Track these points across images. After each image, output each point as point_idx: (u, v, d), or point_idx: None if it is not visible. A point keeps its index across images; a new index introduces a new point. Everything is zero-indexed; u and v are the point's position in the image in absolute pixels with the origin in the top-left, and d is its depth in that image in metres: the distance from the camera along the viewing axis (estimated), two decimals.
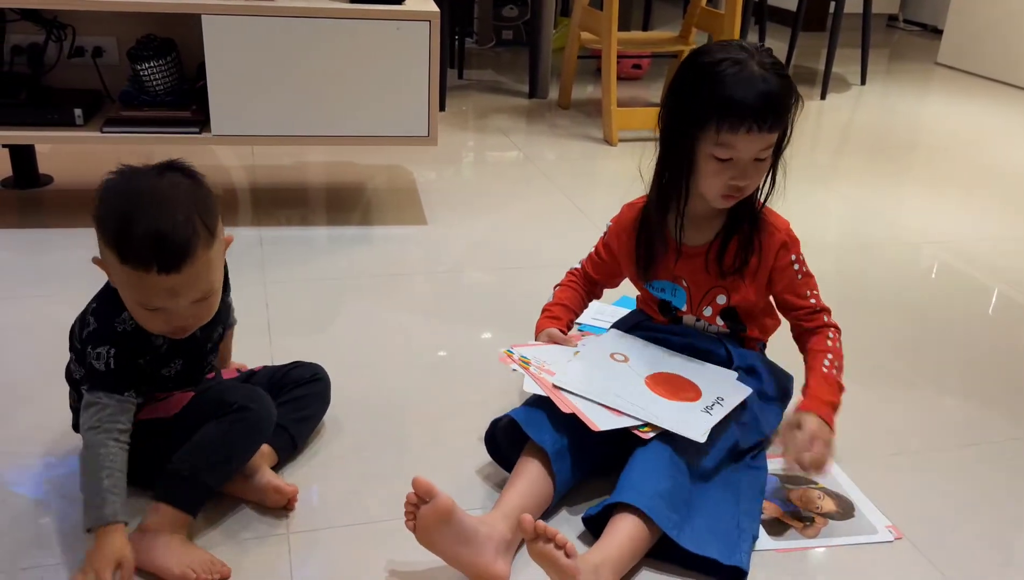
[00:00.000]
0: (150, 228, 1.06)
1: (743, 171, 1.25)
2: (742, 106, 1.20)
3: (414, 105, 2.14)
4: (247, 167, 2.63)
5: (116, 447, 1.11)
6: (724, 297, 1.38)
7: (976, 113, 3.77)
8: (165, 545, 1.12)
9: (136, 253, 1.07)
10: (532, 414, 1.27)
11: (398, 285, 1.99)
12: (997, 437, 1.53)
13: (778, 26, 5.06)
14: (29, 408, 1.46)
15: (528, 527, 1.04)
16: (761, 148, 1.24)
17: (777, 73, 1.23)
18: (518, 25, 4.51)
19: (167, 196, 1.09)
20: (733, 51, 1.23)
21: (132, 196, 1.09)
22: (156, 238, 1.06)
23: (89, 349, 1.15)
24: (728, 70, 1.21)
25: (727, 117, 1.21)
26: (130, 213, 1.07)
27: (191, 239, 1.08)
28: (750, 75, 1.21)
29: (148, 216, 1.07)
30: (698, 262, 1.37)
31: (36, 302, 1.80)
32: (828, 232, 2.44)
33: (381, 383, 1.58)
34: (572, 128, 3.24)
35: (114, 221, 1.08)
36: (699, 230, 1.37)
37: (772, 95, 1.21)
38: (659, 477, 1.19)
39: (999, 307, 2.04)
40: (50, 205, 2.32)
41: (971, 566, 1.22)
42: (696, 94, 1.24)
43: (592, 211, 2.44)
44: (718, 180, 1.27)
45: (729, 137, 1.22)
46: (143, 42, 2.14)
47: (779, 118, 1.23)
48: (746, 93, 1.20)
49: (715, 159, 1.25)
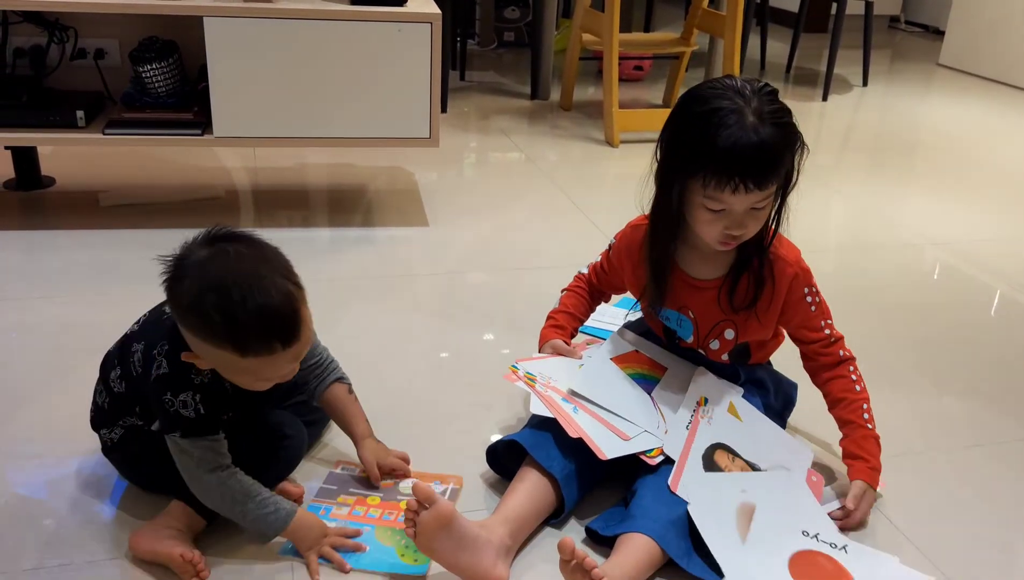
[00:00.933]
0: (260, 313, 1.05)
1: (738, 221, 1.20)
2: (729, 165, 1.14)
3: (416, 106, 2.14)
4: (249, 169, 2.63)
5: (241, 473, 1.15)
6: (732, 332, 1.35)
7: (978, 114, 3.77)
8: (170, 537, 1.14)
9: (257, 342, 1.06)
10: (538, 438, 1.26)
11: (399, 286, 1.99)
12: (1002, 438, 1.52)
13: (780, 27, 5.06)
14: (31, 409, 1.46)
15: (567, 550, 1.06)
16: (755, 201, 1.18)
17: (774, 123, 1.15)
18: (520, 26, 4.51)
19: (252, 274, 1.06)
20: (729, 98, 1.15)
21: (221, 291, 1.05)
22: (270, 320, 1.05)
23: (168, 396, 1.13)
24: (720, 122, 1.14)
25: (715, 173, 1.15)
26: (231, 309, 1.04)
27: (295, 304, 1.08)
28: (741, 130, 1.13)
29: (251, 302, 1.04)
30: (708, 296, 1.33)
31: (39, 303, 1.81)
32: (830, 233, 2.44)
33: (382, 384, 1.58)
34: (574, 129, 3.24)
35: (220, 322, 1.05)
36: (709, 264, 1.33)
37: (763, 151, 1.13)
38: (671, 504, 1.19)
39: (1001, 308, 2.04)
40: (52, 207, 2.32)
41: (976, 568, 1.22)
42: (688, 144, 1.18)
43: (594, 212, 2.44)
44: (713, 228, 1.22)
45: (716, 193, 1.17)
46: (145, 44, 2.14)
47: (772, 173, 1.16)
48: (734, 151, 1.13)
49: (706, 209, 1.20)
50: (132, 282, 1.88)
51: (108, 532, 1.20)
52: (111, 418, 1.24)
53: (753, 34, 4.25)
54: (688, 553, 1.17)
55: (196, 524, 1.17)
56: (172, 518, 1.16)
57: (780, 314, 1.34)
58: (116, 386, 1.22)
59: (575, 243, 2.23)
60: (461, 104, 3.49)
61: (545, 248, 2.21)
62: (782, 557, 1.17)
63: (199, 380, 1.14)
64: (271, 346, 1.07)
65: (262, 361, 1.08)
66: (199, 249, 1.09)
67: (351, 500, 1.29)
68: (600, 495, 1.30)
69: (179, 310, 1.09)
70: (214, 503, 1.15)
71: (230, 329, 1.05)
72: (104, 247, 2.06)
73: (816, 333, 1.35)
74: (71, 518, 1.22)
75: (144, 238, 2.12)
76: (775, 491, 1.26)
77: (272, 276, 1.07)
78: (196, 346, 1.10)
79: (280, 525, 1.15)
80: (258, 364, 1.08)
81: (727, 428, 1.32)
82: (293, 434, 1.28)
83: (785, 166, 1.18)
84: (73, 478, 1.30)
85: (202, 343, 1.08)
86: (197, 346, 1.10)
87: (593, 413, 1.29)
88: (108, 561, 1.15)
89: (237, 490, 1.14)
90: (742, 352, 1.40)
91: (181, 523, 1.16)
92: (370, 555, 1.19)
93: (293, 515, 1.16)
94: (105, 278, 1.92)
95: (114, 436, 1.24)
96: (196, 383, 1.14)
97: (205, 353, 1.10)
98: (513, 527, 1.17)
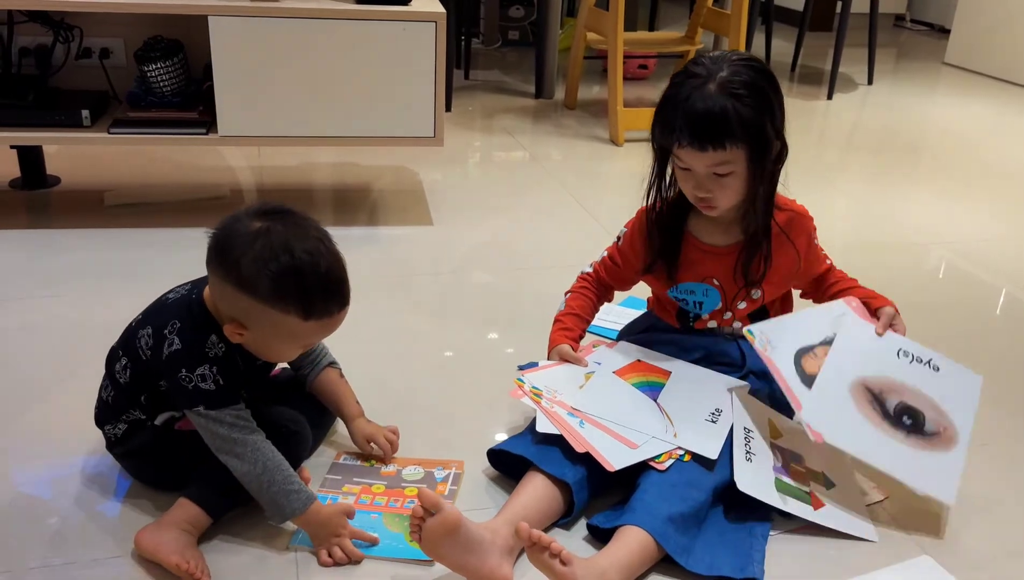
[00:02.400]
0: (328, 277, 1.12)
1: (700, 183, 1.28)
2: (678, 124, 1.24)
3: (420, 106, 2.14)
4: (254, 168, 2.64)
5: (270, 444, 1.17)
6: (759, 291, 1.40)
7: (983, 113, 3.76)
8: (174, 538, 1.14)
9: (322, 304, 1.12)
10: (545, 451, 1.26)
11: (404, 285, 1.99)
12: (1008, 437, 1.52)
13: (785, 26, 5.06)
14: (38, 408, 1.46)
15: (524, 535, 1.06)
16: (711, 164, 1.25)
17: (732, 92, 1.22)
18: (524, 26, 4.50)
19: (315, 240, 1.13)
20: (703, 66, 1.25)
21: (293, 255, 1.10)
22: (336, 284, 1.14)
23: (184, 372, 1.15)
24: (681, 84, 1.25)
25: (670, 132, 1.26)
26: (303, 271, 1.10)
27: (344, 268, 1.16)
28: (697, 94, 1.22)
29: (322, 266, 1.11)
30: (728, 261, 1.38)
31: (45, 302, 1.81)
32: (835, 232, 2.43)
33: (386, 383, 1.58)
34: (578, 128, 3.24)
35: (293, 284, 1.09)
36: (720, 231, 1.38)
37: (711, 116, 1.21)
38: (673, 500, 1.19)
39: (1007, 307, 2.03)
40: (58, 206, 2.32)
41: (983, 568, 1.22)
42: (660, 105, 1.29)
43: (598, 211, 2.44)
44: (686, 187, 1.32)
45: (676, 150, 1.27)
46: (150, 43, 2.14)
47: (717, 138, 1.22)
48: (684, 112, 1.23)
49: (679, 168, 1.31)
50: (137, 281, 1.89)
51: (112, 530, 1.20)
52: (115, 413, 1.24)
53: (758, 33, 4.24)
54: (687, 550, 1.16)
55: (202, 522, 1.17)
56: (178, 516, 1.16)
57: (804, 262, 1.41)
58: (121, 377, 1.22)
59: (580, 242, 2.23)
60: (465, 103, 3.49)
61: (549, 247, 2.20)
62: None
63: (213, 353, 1.16)
64: (331, 309, 1.13)
65: (321, 325, 1.14)
66: (250, 221, 1.12)
67: (356, 489, 1.30)
68: (606, 493, 1.31)
69: (236, 278, 1.11)
70: (245, 468, 1.14)
71: (301, 291, 1.10)
72: (109, 246, 2.06)
73: (822, 265, 1.46)
74: (76, 516, 1.23)
75: (149, 237, 2.13)
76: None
77: (328, 244, 1.14)
78: (251, 313, 1.12)
79: (300, 506, 1.15)
80: (314, 328, 1.14)
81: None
82: (298, 430, 1.28)
83: (740, 136, 1.23)
84: (78, 476, 1.30)
85: (265, 308, 1.10)
86: (253, 313, 1.12)
87: (599, 424, 1.29)
88: (113, 559, 1.16)
89: (270, 458, 1.15)
90: (762, 314, 1.43)
91: (187, 521, 1.16)
92: (380, 542, 1.20)
93: (313, 501, 1.17)
94: (110, 277, 1.92)
95: (117, 431, 1.25)
96: (211, 356, 1.16)
97: (261, 320, 1.12)
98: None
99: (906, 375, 1.34)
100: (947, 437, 1.30)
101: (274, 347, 1.19)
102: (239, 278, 1.11)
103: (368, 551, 1.19)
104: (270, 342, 1.17)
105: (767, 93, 1.26)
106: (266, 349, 1.19)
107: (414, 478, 1.33)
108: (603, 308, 1.82)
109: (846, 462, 1.35)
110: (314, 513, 1.16)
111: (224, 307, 1.15)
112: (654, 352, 1.45)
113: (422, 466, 1.36)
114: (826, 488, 1.30)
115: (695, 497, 1.21)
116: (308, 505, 1.16)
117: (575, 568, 1.06)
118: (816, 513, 1.25)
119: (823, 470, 1.33)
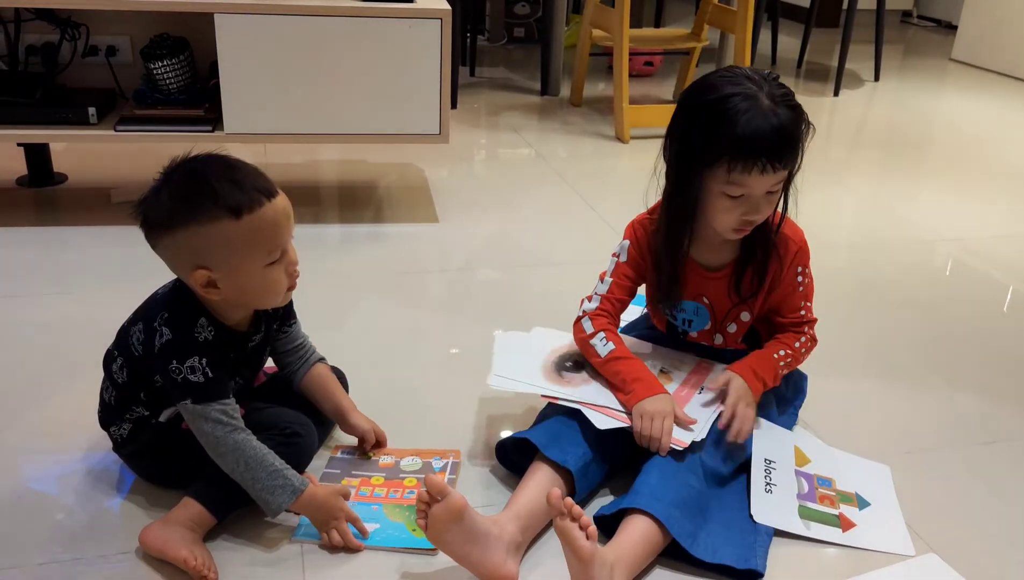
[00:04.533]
0: (235, 172, 1.14)
1: (755, 206, 1.23)
2: (755, 147, 1.17)
3: (426, 103, 2.14)
4: (259, 165, 2.61)
5: (254, 438, 1.17)
6: (748, 314, 1.38)
7: (991, 109, 3.75)
8: (180, 536, 1.14)
9: (245, 197, 1.12)
10: (550, 435, 1.26)
11: (410, 283, 1.99)
12: (1013, 435, 1.52)
13: (791, 22, 5.04)
14: (46, 405, 1.47)
15: (556, 502, 1.05)
16: (774, 183, 1.22)
17: (787, 105, 1.19)
18: (530, 22, 4.50)
19: (223, 159, 1.17)
20: (742, 84, 1.19)
21: (201, 169, 1.14)
22: (251, 177, 1.15)
23: (174, 364, 1.15)
24: (739, 106, 1.17)
25: (739, 157, 1.18)
26: (209, 175, 1.12)
27: (255, 167, 1.18)
28: (761, 112, 1.17)
29: (219, 171, 1.13)
30: (721, 284, 1.36)
31: (52, 300, 1.82)
32: (842, 228, 2.43)
33: (392, 380, 1.58)
34: (584, 125, 3.23)
35: (208, 190, 1.11)
36: (717, 253, 1.36)
37: (785, 131, 1.18)
38: (677, 485, 1.19)
39: (1014, 304, 2.02)
40: (65, 203, 2.33)
41: (987, 565, 1.21)
42: (706, 132, 1.20)
43: (604, 209, 2.44)
44: (730, 216, 1.25)
45: (741, 177, 1.20)
46: (156, 41, 2.15)
47: (792, 153, 1.20)
48: (759, 132, 1.16)
49: (726, 196, 1.23)
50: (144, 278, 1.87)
51: (119, 527, 1.21)
52: (118, 413, 1.25)
53: (764, 29, 4.23)
54: (693, 535, 1.16)
55: (206, 521, 1.18)
56: (183, 515, 1.17)
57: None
58: (119, 376, 1.23)
59: (585, 239, 2.23)
60: (471, 100, 3.49)
61: (555, 244, 2.20)
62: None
63: (203, 337, 1.16)
64: (258, 199, 1.12)
65: (260, 220, 1.12)
66: (168, 173, 1.15)
67: (356, 482, 1.31)
68: (612, 488, 1.31)
69: (166, 224, 1.12)
70: (229, 467, 1.15)
71: (213, 190, 1.11)
72: (116, 243, 2.07)
73: (793, 314, 1.38)
74: (83, 512, 1.23)
75: None
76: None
77: (229, 157, 1.17)
78: (198, 246, 1.12)
79: (286, 499, 1.16)
80: (257, 227, 1.12)
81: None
82: (304, 434, 1.28)
83: (800, 146, 1.22)
84: (85, 473, 1.30)
85: (201, 228, 1.11)
86: (198, 242, 1.12)
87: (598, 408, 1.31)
88: (120, 555, 1.16)
89: (251, 455, 1.15)
90: (752, 339, 1.42)
91: (191, 520, 1.16)
92: (382, 532, 1.21)
93: (302, 491, 1.16)
94: (117, 274, 1.93)
95: (123, 432, 1.25)
96: (200, 341, 1.16)
97: (212, 248, 1.12)
98: (524, 524, 1.16)
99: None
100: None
101: (247, 274, 1.15)
102: (165, 222, 1.12)
103: (371, 541, 1.19)
104: (239, 269, 1.14)
105: (801, 105, 1.23)
106: (245, 282, 1.15)
107: (412, 468, 1.34)
108: None
109: (884, 479, 1.35)
110: (309, 498, 1.17)
111: (181, 264, 1.15)
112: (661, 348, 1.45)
113: (419, 456, 1.37)
114: (859, 509, 1.29)
115: (695, 484, 1.21)
116: (296, 496, 1.16)
117: (596, 547, 1.06)
118: (845, 535, 1.24)
119: (856, 490, 1.32)
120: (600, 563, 1.06)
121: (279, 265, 1.17)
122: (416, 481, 1.31)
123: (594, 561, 1.05)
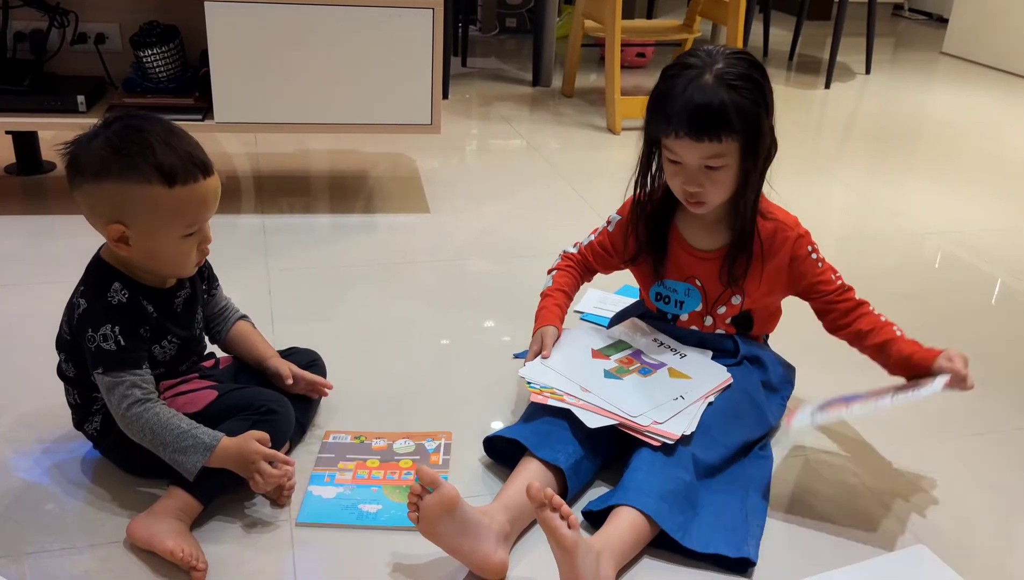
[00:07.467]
0: (179, 144, 1.14)
1: (692, 177, 1.28)
2: (675, 115, 1.23)
3: (417, 93, 2.14)
4: (250, 155, 2.63)
5: (164, 406, 1.17)
6: (739, 297, 1.39)
7: (981, 102, 3.76)
8: (167, 527, 1.14)
9: (181, 169, 1.12)
10: (539, 434, 1.26)
11: (401, 273, 1.99)
12: (1002, 427, 1.53)
13: (783, 15, 5.04)
14: (35, 394, 1.46)
15: (536, 494, 1.05)
16: (704, 156, 1.25)
17: (730, 85, 1.22)
18: (522, 13, 4.49)
19: (148, 120, 1.16)
20: (697, 58, 1.25)
21: (141, 127, 1.13)
22: (192, 149, 1.15)
23: (89, 332, 1.16)
24: (680, 76, 1.24)
25: (666, 123, 1.25)
26: (153, 139, 1.12)
27: (197, 143, 1.17)
28: (694, 85, 1.22)
29: (163, 137, 1.13)
30: (713, 266, 1.38)
31: (41, 288, 1.81)
32: (832, 222, 2.44)
33: (383, 371, 1.58)
34: (576, 116, 3.23)
35: (148, 151, 1.11)
36: (709, 235, 1.38)
37: (709, 108, 1.21)
38: (664, 478, 1.20)
39: (1002, 297, 2.04)
40: (53, 191, 2.31)
41: (976, 557, 1.22)
42: (653, 101, 1.29)
43: (595, 199, 2.44)
44: (675, 183, 1.31)
45: (673, 143, 1.26)
46: (146, 29, 2.13)
47: (714, 129, 1.22)
48: (681, 103, 1.23)
49: (669, 162, 1.30)
50: None
51: (110, 516, 1.21)
52: (85, 409, 1.25)
53: (756, 21, 4.23)
54: (683, 527, 1.17)
55: (193, 508, 1.17)
56: (169, 505, 1.16)
57: (790, 278, 1.37)
58: (70, 372, 1.24)
59: (576, 230, 2.22)
60: (463, 91, 3.48)
61: (546, 235, 2.20)
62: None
63: (116, 300, 1.16)
64: (193, 174, 1.13)
65: (190, 193, 1.13)
66: (110, 121, 1.15)
67: (351, 466, 1.31)
68: (602, 478, 1.31)
69: (92, 171, 1.12)
70: (137, 436, 1.16)
71: (153, 155, 1.11)
72: None
73: (830, 285, 1.38)
74: (73, 502, 1.23)
75: None
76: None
77: (172, 124, 1.17)
78: (119, 201, 1.12)
79: (199, 457, 1.14)
80: (186, 199, 1.13)
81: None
82: (280, 410, 1.26)
83: (736, 128, 1.23)
84: (75, 463, 1.30)
85: (128, 186, 1.11)
86: (119, 199, 1.12)
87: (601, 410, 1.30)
88: (110, 545, 1.16)
89: (155, 423, 1.14)
90: (745, 322, 1.43)
91: (178, 509, 1.16)
92: (385, 513, 1.22)
93: (214, 446, 1.15)
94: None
95: (95, 426, 1.25)
96: (114, 305, 1.16)
97: (133, 208, 1.12)
98: (513, 515, 1.17)
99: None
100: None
101: (162, 240, 1.15)
102: (95, 170, 1.12)
103: (375, 522, 1.20)
104: (155, 234, 1.14)
105: (762, 86, 1.26)
106: (157, 247, 1.16)
107: (406, 451, 1.35)
108: (598, 296, 1.83)
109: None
110: (222, 452, 1.15)
111: (99, 214, 1.15)
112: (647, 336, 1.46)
113: (411, 439, 1.38)
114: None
115: (683, 477, 1.21)
116: (209, 452, 1.14)
117: (579, 536, 1.06)
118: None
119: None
120: (584, 552, 1.06)
121: (193, 239, 1.18)
122: (412, 463, 1.32)
123: (577, 550, 1.05)
